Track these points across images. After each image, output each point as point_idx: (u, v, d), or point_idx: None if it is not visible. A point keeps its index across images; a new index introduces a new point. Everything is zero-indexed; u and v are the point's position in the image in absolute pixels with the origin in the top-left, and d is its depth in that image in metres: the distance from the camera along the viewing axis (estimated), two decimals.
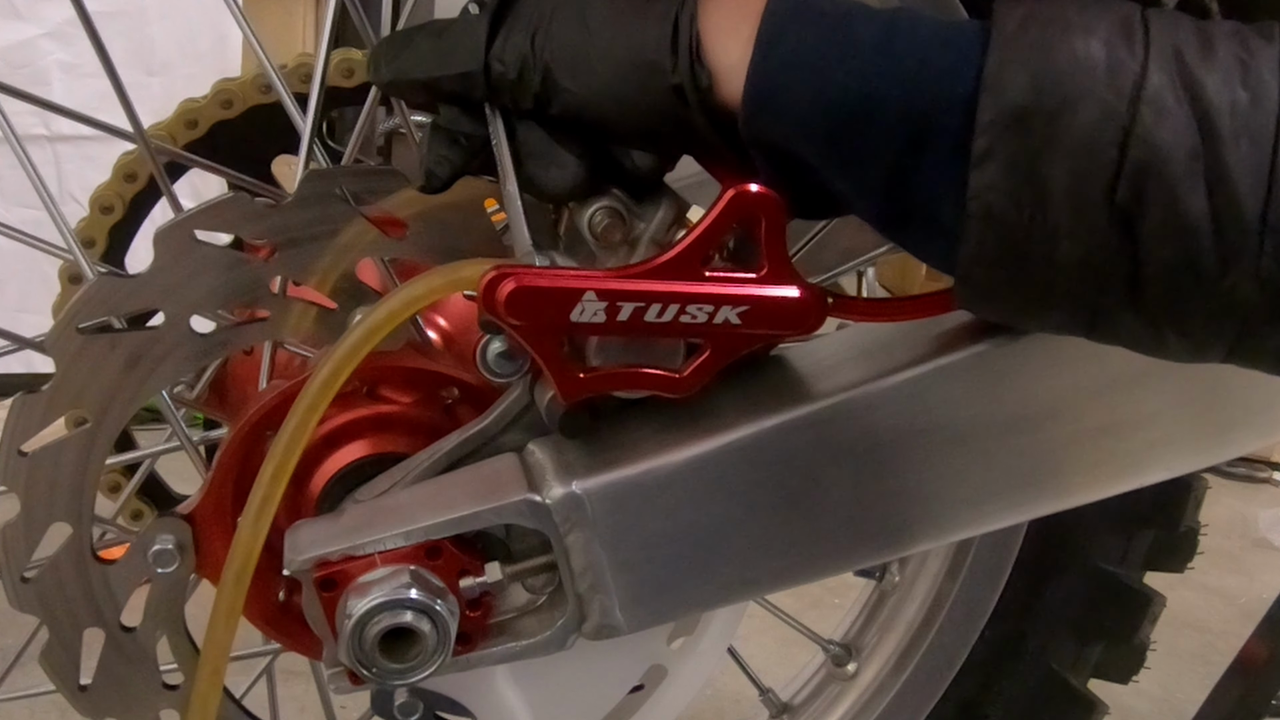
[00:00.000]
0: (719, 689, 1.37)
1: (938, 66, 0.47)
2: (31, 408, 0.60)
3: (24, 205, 1.98)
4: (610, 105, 0.52)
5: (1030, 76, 0.45)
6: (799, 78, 0.49)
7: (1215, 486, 0.81)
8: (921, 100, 0.47)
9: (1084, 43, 0.45)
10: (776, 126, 0.50)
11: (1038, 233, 0.46)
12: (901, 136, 0.48)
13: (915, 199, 0.49)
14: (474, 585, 0.59)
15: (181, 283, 0.60)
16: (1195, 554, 0.81)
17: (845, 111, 0.48)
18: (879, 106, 0.48)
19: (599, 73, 0.52)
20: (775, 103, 0.49)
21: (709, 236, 0.53)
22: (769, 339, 0.57)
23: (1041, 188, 0.45)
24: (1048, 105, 0.45)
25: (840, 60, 0.48)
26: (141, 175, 0.92)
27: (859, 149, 0.49)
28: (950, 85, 0.47)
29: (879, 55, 0.48)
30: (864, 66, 0.48)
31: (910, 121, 0.47)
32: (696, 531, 0.58)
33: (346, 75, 0.91)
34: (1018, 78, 0.45)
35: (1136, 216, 0.45)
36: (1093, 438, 0.59)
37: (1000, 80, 0.45)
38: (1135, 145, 0.44)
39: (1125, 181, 0.44)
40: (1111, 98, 0.44)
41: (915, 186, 0.49)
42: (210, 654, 0.61)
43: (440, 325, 0.75)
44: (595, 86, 0.52)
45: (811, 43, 0.49)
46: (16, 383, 0.61)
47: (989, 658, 0.83)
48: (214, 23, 2.20)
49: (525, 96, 0.53)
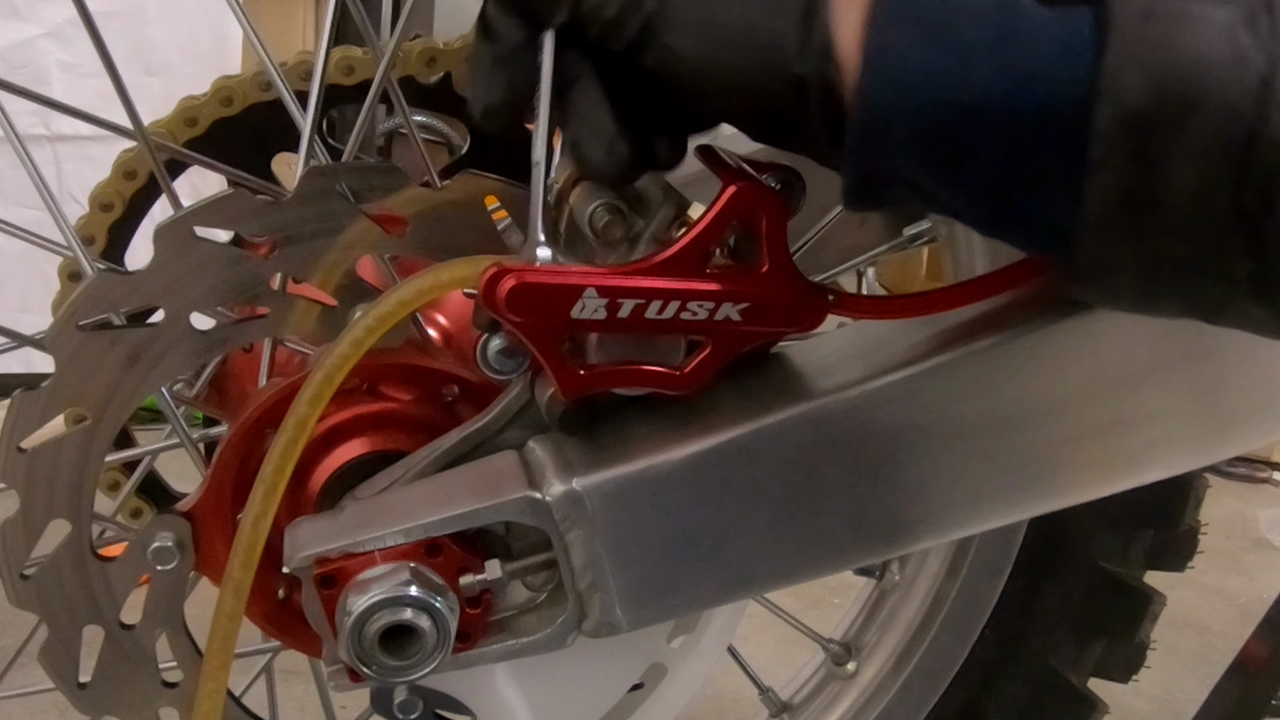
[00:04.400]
0: (719, 688, 1.37)
1: (1052, 68, 0.45)
2: (31, 405, 0.60)
3: (24, 205, 1.97)
4: (713, 76, 0.48)
5: (1150, 79, 0.42)
6: (909, 101, 0.46)
7: (1215, 486, 0.81)
8: (1035, 106, 0.45)
9: (1206, 37, 0.42)
10: (883, 152, 0.47)
11: (1157, 237, 0.44)
12: (1014, 144, 0.46)
13: (1025, 204, 0.47)
14: (474, 583, 0.59)
15: (181, 280, 0.60)
16: (1195, 553, 0.81)
17: (956, 126, 0.46)
18: (992, 117, 0.45)
19: (709, 36, 0.47)
20: (884, 130, 0.46)
21: (710, 233, 0.53)
22: (769, 336, 0.57)
23: (1161, 194, 0.43)
24: (1168, 110, 0.42)
25: (951, 74, 0.45)
26: (141, 173, 0.92)
27: (968, 160, 0.47)
28: (1065, 87, 0.44)
29: (992, 64, 0.45)
30: (976, 78, 0.45)
31: (1023, 128, 0.45)
32: (697, 529, 0.58)
33: (347, 73, 0.91)
34: (1137, 80, 0.42)
35: (1264, 221, 0.42)
36: (1093, 435, 0.59)
37: (1118, 83, 0.43)
38: (1261, 148, 0.42)
39: (1251, 188, 0.42)
40: (1235, 97, 0.41)
41: (1026, 192, 0.47)
42: (214, 650, 0.61)
43: (440, 323, 0.75)
44: (701, 50, 0.48)
45: (919, 57, 0.46)
46: (16, 382, 0.61)
47: (989, 657, 0.83)
48: (214, 22, 2.21)
49: (616, 39, 0.49)
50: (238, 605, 0.60)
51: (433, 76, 0.97)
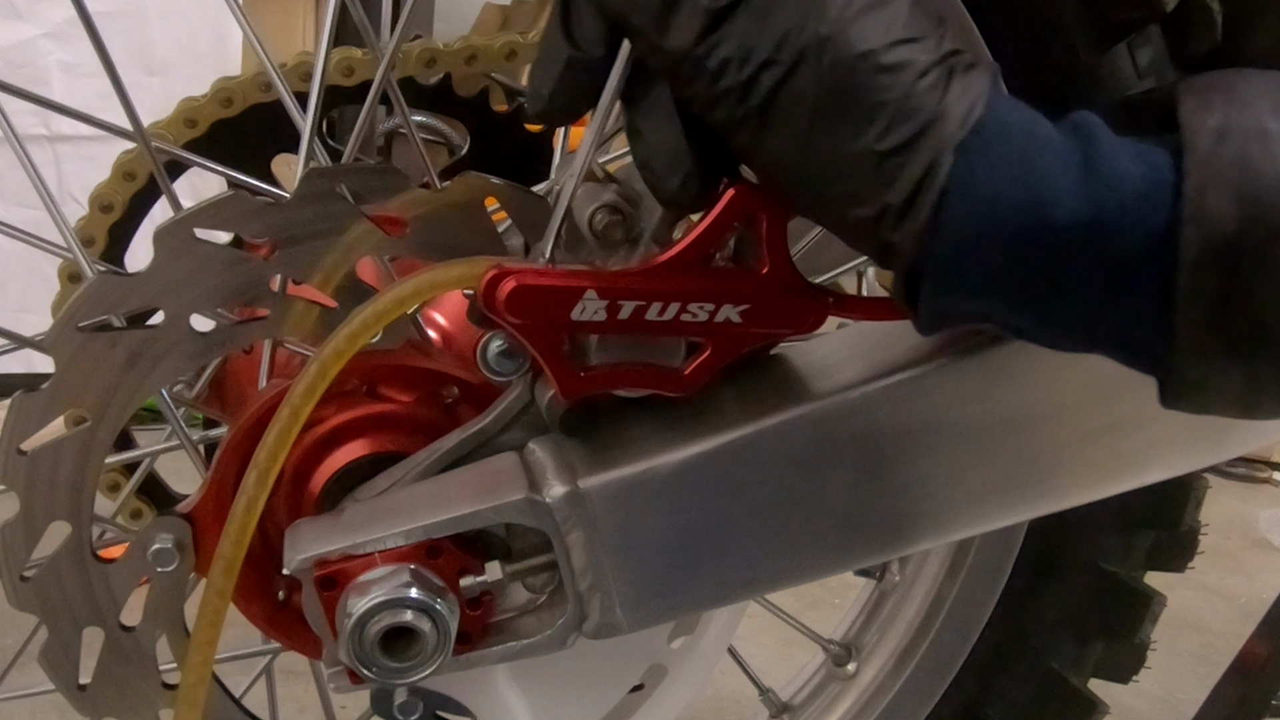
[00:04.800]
0: (719, 689, 1.37)
1: (1136, 198, 0.43)
2: (31, 406, 0.60)
3: (24, 205, 1.98)
4: (800, 193, 0.47)
5: (1235, 202, 0.41)
6: (994, 234, 0.44)
7: (1215, 486, 0.81)
8: (1120, 240, 0.44)
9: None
10: (962, 289, 0.46)
11: (1253, 359, 0.44)
12: (1100, 278, 0.44)
13: (1113, 335, 0.46)
14: (474, 584, 0.59)
15: (181, 281, 0.60)
16: (1195, 554, 0.81)
17: (1040, 261, 0.44)
18: (1076, 253, 0.44)
19: (812, 159, 0.46)
20: (964, 265, 0.45)
21: (710, 235, 0.53)
22: (770, 338, 0.57)
23: (1253, 322, 0.43)
24: (1256, 235, 0.41)
25: (1037, 208, 0.44)
26: (141, 174, 0.91)
27: (1050, 296, 0.45)
28: (1149, 216, 0.43)
29: (1077, 200, 0.44)
30: (1062, 216, 0.44)
31: (1108, 262, 0.44)
32: (697, 530, 0.58)
33: (346, 74, 0.91)
34: (1222, 205, 0.42)
35: None
36: (1094, 437, 0.59)
37: (1202, 209, 0.42)
38: None
39: None
40: None
41: (1113, 324, 0.46)
42: (202, 626, 0.60)
43: (440, 324, 0.75)
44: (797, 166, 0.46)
45: (1006, 190, 0.44)
46: (16, 383, 0.61)
47: (989, 658, 0.83)
48: (214, 23, 2.21)
49: (713, 108, 0.46)
50: (227, 583, 0.59)
51: (432, 77, 0.97)
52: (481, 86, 0.99)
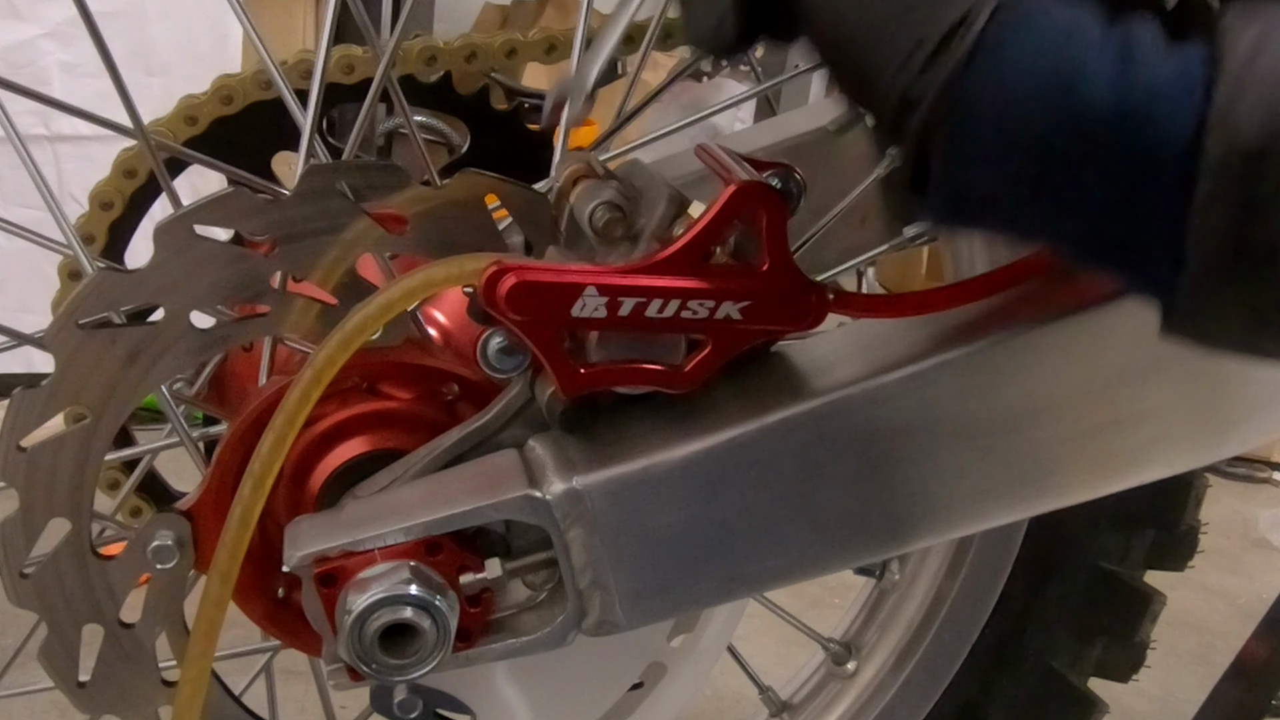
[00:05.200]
0: (719, 688, 1.37)
1: (1166, 98, 0.43)
2: (31, 403, 0.60)
3: (24, 205, 1.97)
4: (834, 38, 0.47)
5: (1263, 116, 0.41)
6: (1018, 105, 0.44)
7: (1215, 486, 0.81)
8: (1145, 135, 0.43)
9: None
10: (981, 156, 0.45)
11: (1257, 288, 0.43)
12: (1122, 169, 0.44)
13: (1123, 239, 0.45)
14: (474, 581, 0.59)
15: (181, 278, 0.60)
16: (1195, 553, 0.81)
17: (1061, 142, 0.44)
18: (1099, 139, 0.43)
19: None
20: (985, 132, 0.45)
21: (710, 232, 0.53)
22: (770, 335, 0.57)
23: (1265, 243, 0.42)
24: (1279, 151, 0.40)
25: (1066, 86, 0.43)
26: (141, 171, 0.92)
27: (1065, 184, 0.45)
28: (1177, 117, 0.42)
29: (1108, 86, 0.43)
30: (1090, 97, 0.43)
31: (1129, 156, 0.43)
32: (697, 528, 0.58)
33: (347, 71, 0.91)
34: (1249, 117, 0.41)
35: None
36: (1093, 434, 0.59)
37: (1228, 120, 0.41)
38: None
39: None
40: None
41: (1128, 226, 0.45)
42: (198, 637, 0.61)
43: (440, 321, 0.75)
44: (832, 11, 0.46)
45: (1036, 61, 0.44)
46: (16, 381, 0.61)
47: (989, 657, 0.83)
48: (214, 23, 2.20)
49: None
50: (224, 592, 0.60)
51: (433, 75, 0.97)
52: (481, 84, 1.00)
